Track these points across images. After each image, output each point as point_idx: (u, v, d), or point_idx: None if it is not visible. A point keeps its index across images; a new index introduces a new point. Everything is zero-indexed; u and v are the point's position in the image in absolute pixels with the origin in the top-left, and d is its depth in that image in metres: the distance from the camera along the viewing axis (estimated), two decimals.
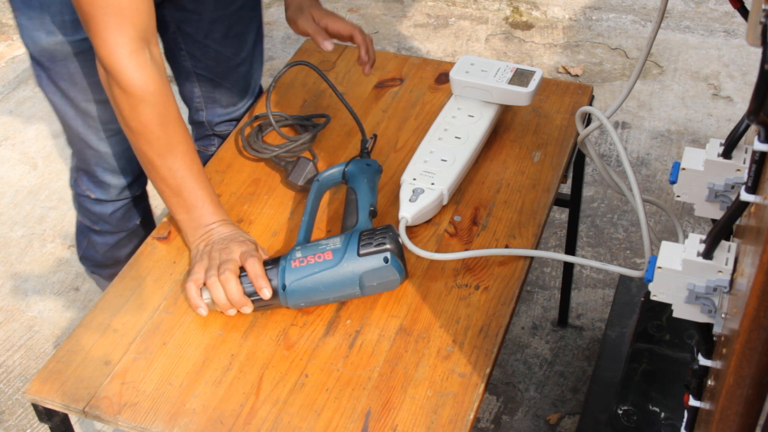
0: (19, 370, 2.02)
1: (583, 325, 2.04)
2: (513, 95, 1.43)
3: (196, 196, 1.28)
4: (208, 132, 1.76)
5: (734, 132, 0.95)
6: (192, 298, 1.21)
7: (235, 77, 1.66)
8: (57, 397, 1.14)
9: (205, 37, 1.57)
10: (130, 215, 1.71)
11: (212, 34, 1.58)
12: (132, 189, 1.65)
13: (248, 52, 1.65)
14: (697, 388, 0.94)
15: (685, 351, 1.51)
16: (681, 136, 2.54)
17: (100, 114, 1.49)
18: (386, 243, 1.18)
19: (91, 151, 1.55)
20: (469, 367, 1.14)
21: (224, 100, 1.69)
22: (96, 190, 1.63)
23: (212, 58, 1.61)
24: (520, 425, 1.85)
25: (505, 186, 1.40)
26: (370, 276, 1.18)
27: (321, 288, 1.18)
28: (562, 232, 2.25)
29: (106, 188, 1.62)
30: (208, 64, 1.62)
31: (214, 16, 1.55)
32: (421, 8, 3.14)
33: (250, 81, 1.70)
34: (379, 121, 1.54)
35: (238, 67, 1.65)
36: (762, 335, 0.65)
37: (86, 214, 1.71)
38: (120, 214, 1.69)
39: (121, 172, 1.59)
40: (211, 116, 1.71)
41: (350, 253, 1.18)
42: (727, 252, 0.87)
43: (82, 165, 1.61)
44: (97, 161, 1.57)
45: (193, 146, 1.29)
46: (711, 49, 2.87)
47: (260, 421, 1.10)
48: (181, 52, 1.61)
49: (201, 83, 1.65)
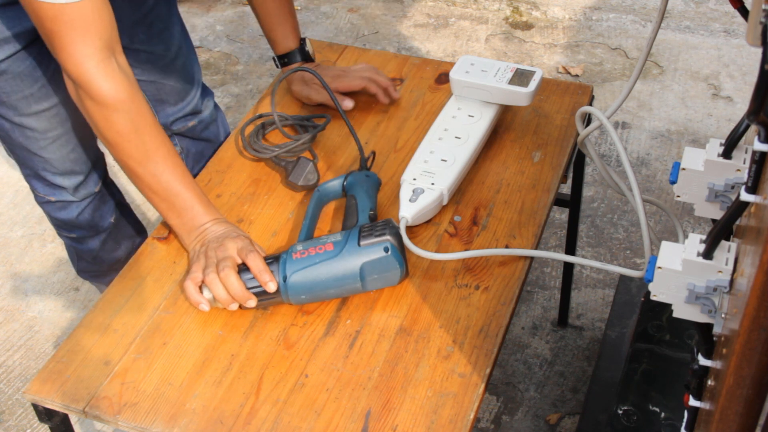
0: (19, 370, 2.02)
1: (583, 325, 2.04)
2: (513, 95, 1.43)
3: (184, 198, 1.27)
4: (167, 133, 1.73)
5: (734, 132, 0.95)
6: (191, 296, 1.21)
7: (175, 73, 1.67)
8: (57, 397, 1.14)
9: (131, 43, 1.56)
10: (100, 214, 1.70)
11: (136, 37, 1.57)
12: (87, 186, 1.64)
13: (178, 46, 1.65)
14: (697, 388, 0.94)
15: (685, 351, 1.51)
16: (681, 136, 2.54)
17: (37, 125, 1.49)
18: (386, 234, 1.19)
19: (36, 158, 1.55)
20: (469, 367, 1.14)
21: (171, 99, 1.69)
22: (53, 192, 1.63)
23: (145, 60, 1.61)
24: (520, 425, 1.85)
25: (505, 186, 1.40)
26: (370, 267, 1.19)
27: (322, 279, 1.19)
28: (562, 232, 2.25)
29: (61, 190, 1.62)
30: (145, 67, 1.61)
31: (133, 20, 1.54)
32: (421, 8, 3.14)
33: (191, 73, 1.70)
34: (379, 121, 1.54)
35: (173, 62, 1.65)
36: (762, 335, 0.65)
37: (57, 223, 1.71)
38: (88, 215, 1.68)
39: (70, 173, 1.59)
40: (164, 117, 1.71)
41: (351, 244, 1.19)
42: (727, 252, 0.87)
43: (31, 172, 1.60)
44: (44, 166, 1.56)
45: (173, 149, 1.28)
46: (711, 49, 2.87)
47: (260, 421, 1.10)
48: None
49: (144, 87, 1.64)
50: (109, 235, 1.75)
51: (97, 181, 1.66)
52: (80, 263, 1.83)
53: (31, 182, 1.64)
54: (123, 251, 1.81)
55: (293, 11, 1.57)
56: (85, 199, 1.65)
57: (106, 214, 1.72)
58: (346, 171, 1.44)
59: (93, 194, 1.66)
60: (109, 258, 1.80)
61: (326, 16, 3.12)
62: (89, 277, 1.91)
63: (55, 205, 1.65)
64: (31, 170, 1.60)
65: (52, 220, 1.72)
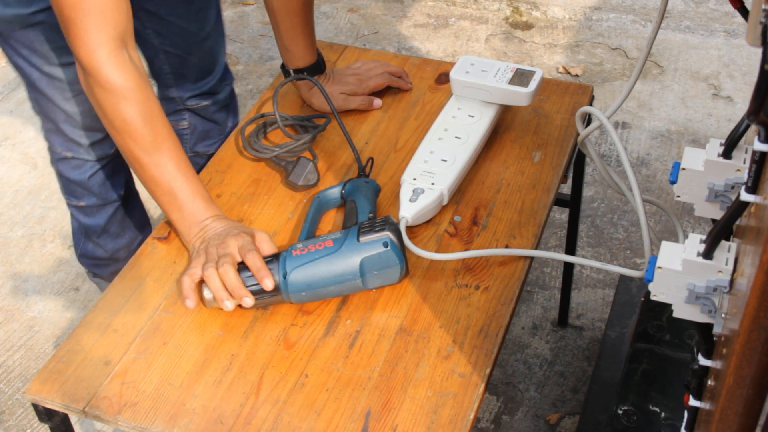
0: (19, 370, 2.02)
1: (583, 325, 2.04)
2: (513, 95, 1.43)
3: (187, 192, 1.28)
4: (180, 107, 1.80)
5: (734, 132, 0.95)
6: (184, 290, 1.21)
7: (202, 52, 1.71)
8: (57, 397, 1.14)
9: (168, 14, 1.61)
10: (111, 183, 1.76)
11: (175, 10, 1.62)
12: (104, 146, 1.69)
13: (211, 27, 1.70)
14: (697, 388, 0.94)
15: (685, 351, 1.51)
16: (681, 136, 2.54)
17: (64, 75, 1.54)
18: (385, 229, 1.20)
19: (58, 111, 1.60)
20: (469, 367, 1.14)
21: (192, 76, 1.74)
22: (70, 148, 1.68)
23: (178, 34, 1.65)
24: (520, 425, 1.85)
25: (505, 186, 1.40)
26: (370, 262, 1.19)
27: (322, 276, 1.19)
28: (562, 232, 2.25)
29: (78, 146, 1.67)
30: (175, 40, 1.66)
31: None
32: (421, 8, 3.14)
33: (216, 56, 1.75)
34: (379, 121, 1.54)
35: (204, 42, 1.70)
36: (762, 335, 0.65)
37: (69, 186, 1.76)
38: (99, 179, 1.73)
39: (90, 129, 1.64)
40: (182, 91, 1.76)
41: (350, 240, 1.20)
42: (727, 252, 0.87)
43: (52, 127, 1.66)
44: (65, 119, 1.62)
45: (178, 143, 1.30)
46: (711, 49, 2.87)
47: (260, 421, 1.10)
48: (147, 31, 1.64)
49: (169, 60, 1.70)
50: (116, 212, 1.81)
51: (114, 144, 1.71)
52: (85, 244, 1.87)
53: (51, 138, 1.69)
54: (126, 240, 1.85)
55: (313, 26, 1.55)
56: (100, 160, 1.72)
57: (116, 185, 1.78)
58: (346, 171, 1.45)
59: (108, 156, 1.73)
60: (111, 245, 1.84)
61: (326, 16, 3.12)
62: (89, 265, 1.93)
63: (71, 162, 1.71)
64: (52, 124, 1.65)
65: (64, 183, 1.77)
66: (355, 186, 1.34)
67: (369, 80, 1.57)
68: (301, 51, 1.54)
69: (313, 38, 1.55)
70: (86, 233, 1.84)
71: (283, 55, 1.56)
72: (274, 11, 1.51)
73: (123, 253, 1.87)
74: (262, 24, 3.10)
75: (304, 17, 1.51)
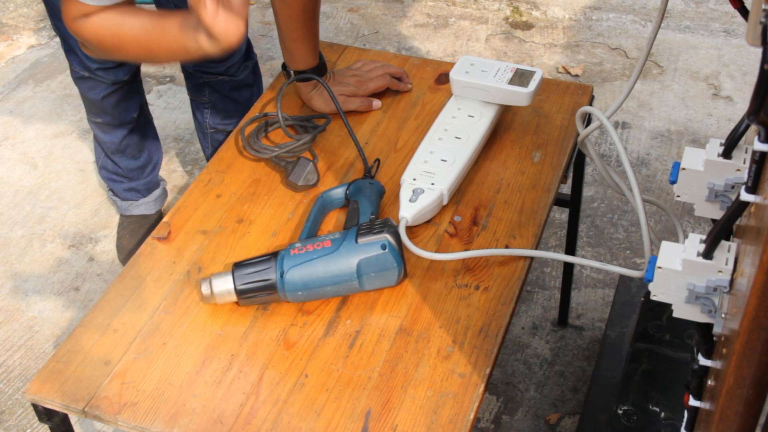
0: (19, 370, 2.02)
1: (583, 325, 2.04)
2: (513, 95, 1.43)
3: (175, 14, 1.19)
4: (199, 80, 1.92)
5: (734, 132, 0.95)
6: None
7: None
8: (57, 397, 1.14)
9: None
10: (125, 106, 1.93)
11: None
12: (117, 73, 1.84)
13: None
14: (697, 388, 0.94)
15: (685, 351, 1.51)
16: (681, 136, 2.54)
17: None
18: (384, 232, 1.20)
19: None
20: (469, 367, 1.14)
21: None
22: (85, 69, 1.83)
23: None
24: (520, 425, 1.85)
25: (505, 186, 1.40)
26: (367, 264, 1.19)
27: (319, 276, 1.19)
28: (562, 232, 2.25)
29: (92, 70, 1.84)
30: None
31: None
32: (421, 8, 3.14)
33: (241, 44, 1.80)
34: (380, 121, 1.54)
35: None
36: (762, 335, 0.65)
37: (86, 103, 1.92)
38: (113, 101, 1.89)
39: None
40: (201, 65, 1.90)
41: (348, 241, 1.20)
42: (727, 252, 0.87)
43: (69, 47, 1.83)
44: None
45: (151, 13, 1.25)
46: (711, 49, 2.87)
47: (260, 421, 1.10)
48: (169, 5, 1.72)
49: None
50: (131, 132, 1.98)
51: (127, 72, 1.86)
52: (105, 159, 2.09)
53: (69, 57, 1.87)
54: (141, 161, 2.05)
55: (317, 31, 1.55)
56: (114, 84, 1.86)
57: (130, 108, 1.93)
58: (346, 171, 1.45)
59: (121, 82, 1.87)
60: (127, 164, 2.07)
61: (326, 16, 3.12)
62: (106, 178, 2.15)
63: (87, 83, 1.88)
64: (68, 45, 1.83)
65: (83, 100, 1.97)
66: (360, 187, 1.34)
67: (369, 82, 1.57)
68: (302, 54, 1.54)
69: (315, 43, 1.55)
70: (104, 150, 2.02)
71: (285, 55, 1.56)
72: (276, 13, 1.52)
73: (136, 174, 2.10)
74: (262, 24, 3.10)
75: (305, 22, 1.51)
